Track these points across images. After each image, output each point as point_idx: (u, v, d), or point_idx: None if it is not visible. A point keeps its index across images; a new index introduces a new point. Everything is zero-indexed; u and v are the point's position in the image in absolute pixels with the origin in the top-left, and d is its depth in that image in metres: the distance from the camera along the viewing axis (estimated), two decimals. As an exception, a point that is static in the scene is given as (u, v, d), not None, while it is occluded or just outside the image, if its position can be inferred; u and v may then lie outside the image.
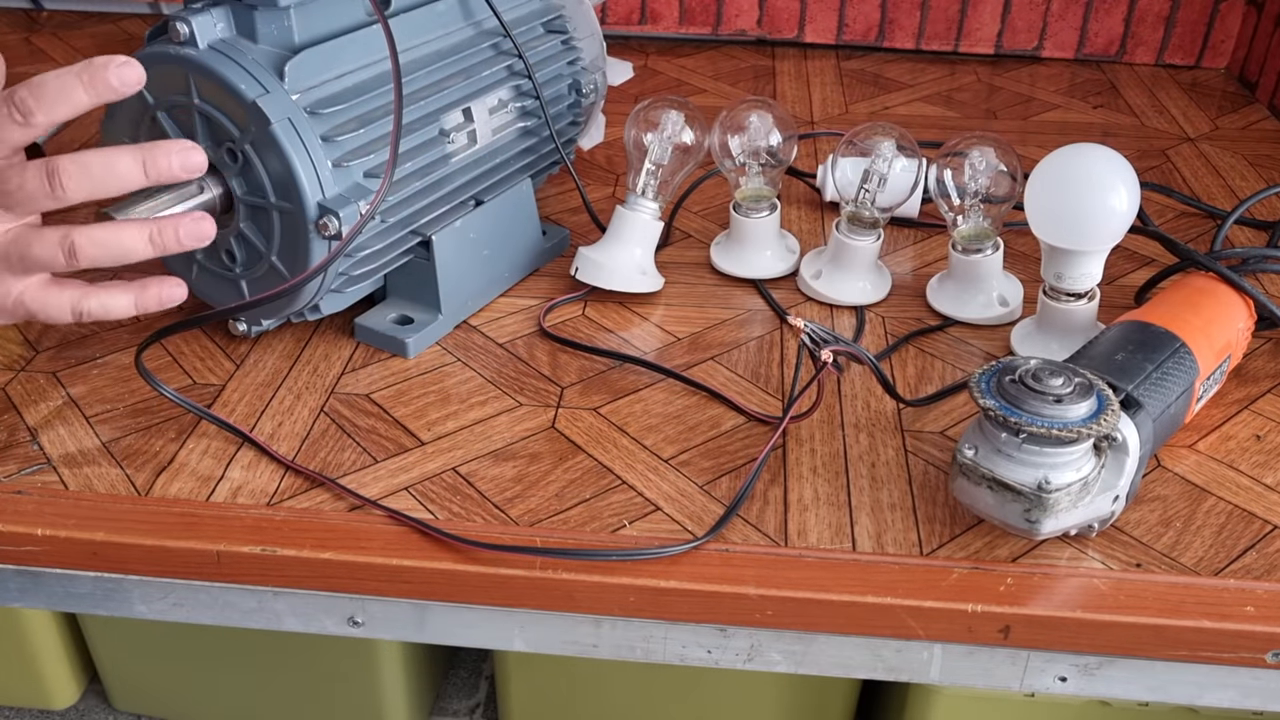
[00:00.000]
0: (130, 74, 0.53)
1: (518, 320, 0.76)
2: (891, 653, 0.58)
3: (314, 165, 0.62)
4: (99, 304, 0.59)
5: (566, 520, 0.59)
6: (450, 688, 1.48)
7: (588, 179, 0.96)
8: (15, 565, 0.59)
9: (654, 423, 0.67)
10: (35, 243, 0.55)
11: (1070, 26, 1.24)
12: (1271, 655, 0.54)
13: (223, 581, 0.58)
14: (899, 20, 1.26)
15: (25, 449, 0.64)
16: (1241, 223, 0.91)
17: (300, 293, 0.66)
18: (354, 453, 0.64)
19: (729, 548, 0.57)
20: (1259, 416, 0.68)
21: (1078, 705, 1.07)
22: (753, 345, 0.74)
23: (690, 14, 1.27)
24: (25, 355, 0.72)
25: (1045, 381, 0.54)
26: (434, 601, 0.58)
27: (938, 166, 0.76)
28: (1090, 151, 0.68)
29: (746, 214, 0.80)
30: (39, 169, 0.53)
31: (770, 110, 0.80)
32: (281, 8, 0.63)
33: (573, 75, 0.83)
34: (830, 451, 0.65)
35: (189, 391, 0.69)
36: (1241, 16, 1.22)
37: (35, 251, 0.55)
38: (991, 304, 0.76)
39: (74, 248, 0.55)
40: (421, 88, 0.70)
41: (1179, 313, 0.65)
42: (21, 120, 0.53)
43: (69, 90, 0.53)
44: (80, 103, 0.53)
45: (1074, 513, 0.54)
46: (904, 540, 0.58)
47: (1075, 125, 1.11)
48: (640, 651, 0.59)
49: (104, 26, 1.31)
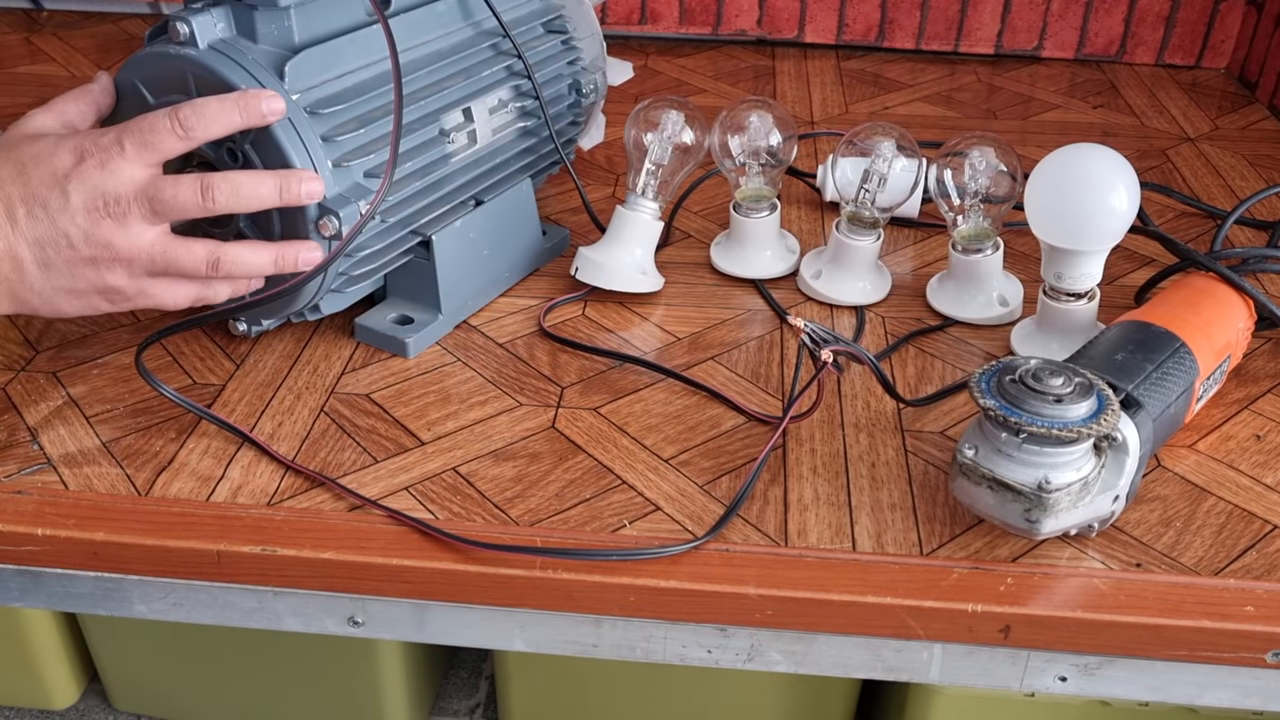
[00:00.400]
0: (277, 105, 0.60)
1: (518, 320, 0.76)
2: (891, 653, 0.58)
3: (314, 165, 0.62)
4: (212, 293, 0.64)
5: (566, 520, 0.59)
6: (450, 688, 1.48)
7: (588, 179, 0.96)
8: (15, 565, 0.59)
9: (654, 423, 0.67)
10: (184, 254, 0.61)
11: (1070, 26, 1.24)
12: (1271, 655, 0.54)
13: (223, 581, 0.58)
14: (899, 20, 1.26)
15: (25, 449, 0.64)
16: (1241, 223, 0.91)
17: (300, 293, 0.66)
18: (354, 453, 0.64)
19: (729, 548, 0.57)
20: (1259, 416, 0.68)
21: (1078, 705, 1.07)
22: (753, 345, 0.74)
23: (690, 14, 1.27)
24: (25, 355, 0.72)
25: (1045, 381, 0.54)
26: (434, 601, 0.58)
27: (938, 166, 0.76)
28: (1090, 151, 0.68)
29: (746, 214, 0.80)
30: (194, 183, 0.59)
31: (770, 110, 0.80)
32: (281, 8, 0.63)
33: (573, 75, 0.83)
34: (830, 451, 0.65)
35: (189, 391, 0.69)
36: (1241, 16, 1.22)
37: (183, 261, 0.61)
38: (991, 304, 0.76)
39: (218, 263, 0.62)
40: (421, 88, 0.70)
41: (1179, 313, 0.65)
42: (182, 134, 0.59)
43: (226, 113, 0.59)
44: (233, 124, 0.60)
45: (1074, 513, 0.54)
46: (904, 540, 0.58)
47: (1075, 125, 1.11)
48: (640, 651, 0.59)
49: (104, 26, 1.31)
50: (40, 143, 0.60)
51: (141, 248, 0.60)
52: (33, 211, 0.58)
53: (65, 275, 0.59)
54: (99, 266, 0.60)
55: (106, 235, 0.59)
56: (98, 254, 0.59)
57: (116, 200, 0.58)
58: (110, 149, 0.58)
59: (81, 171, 0.58)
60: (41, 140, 0.60)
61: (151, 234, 0.60)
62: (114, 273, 0.60)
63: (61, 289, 0.60)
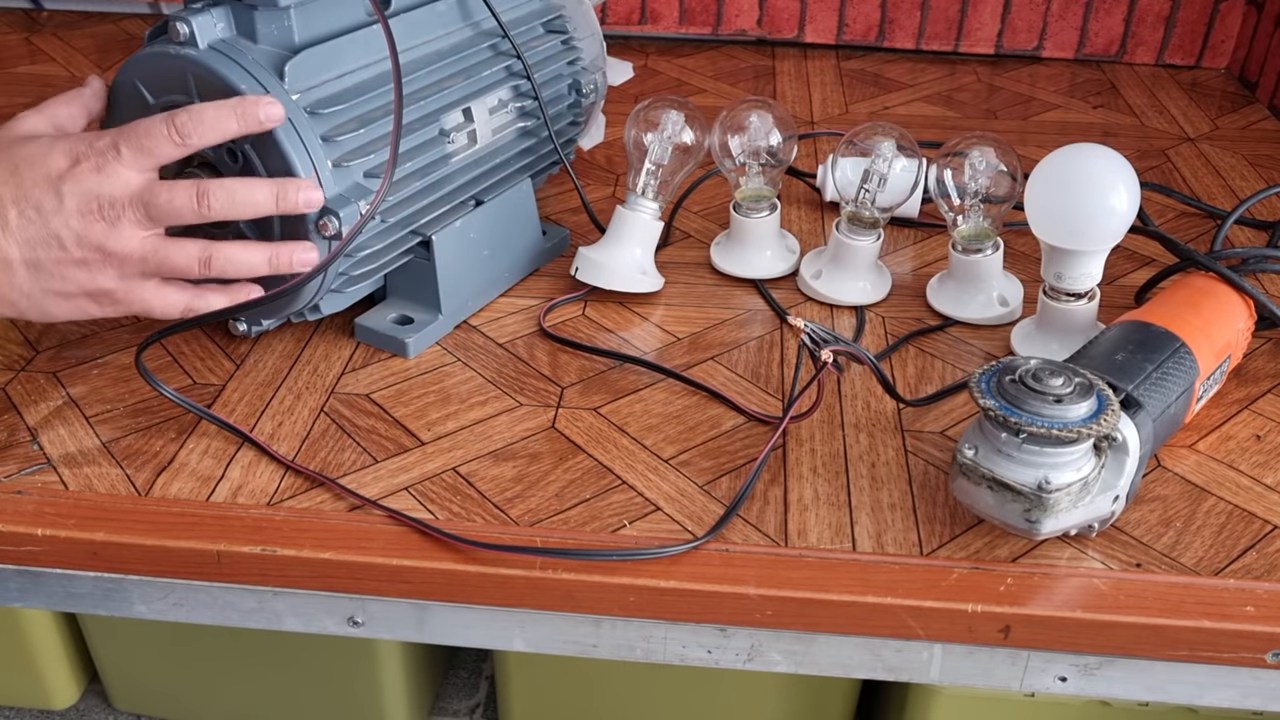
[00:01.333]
0: (274, 111, 0.60)
1: (518, 320, 0.76)
2: (891, 653, 0.58)
3: (314, 165, 0.62)
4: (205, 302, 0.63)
5: (566, 520, 0.59)
6: (450, 688, 1.48)
7: (588, 179, 0.96)
8: (15, 565, 0.59)
9: (654, 423, 0.67)
10: (175, 253, 0.60)
11: (1070, 26, 1.24)
12: (1271, 655, 0.54)
13: (223, 581, 0.58)
14: (899, 20, 1.26)
15: (25, 449, 0.64)
16: (1241, 223, 0.91)
17: (300, 293, 0.66)
18: (354, 453, 0.64)
19: (729, 548, 0.57)
20: (1259, 416, 0.68)
21: (1078, 705, 1.07)
22: (753, 345, 0.74)
23: (690, 14, 1.27)
24: (25, 355, 0.72)
25: (1045, 381, 0.54)
26: (434, 601, 0.58)
27: (938, 166, 0.76)
28: (1090, 151, 0.68)
29: (746, 214, 0.80)
30: (190, 188, 0.59)
31: (770, 110, 0.80)
32: (281, 8, 0.63)
33: (573, 75, 0.83)
34: (830, 451, 0.65)
35: (189, 391, 0.69)
36: (1241, 16, 1.22)
37: (174, 260, 0.60)
38: (991, 304, 0.76)
39: (210, 260, 0.61)
40: (421, 88, 0.70)
41: (1179, 313, 0.65)
42: (179, 141, 0.59)
43: (223, 120, 0.59)
44: (229, 131, 0.59)
45: (1074, 513, 0.54)
46: (904, 540, 0.58)
47: (1075, 125, 1.11)
48: (640, 651, 0.59)
49: (104, 26, 1.31)
50: (33, 144, 0.59)
51: (133, 248, 0.59)
52: (25, 213, 0.58)
53: (54, 277, 0.59)
54: (89, 268, 0.59)
55: (99, 238, 0.58)
56: (88, 256, 0.59)
57: (111, 204, 0.58)
58: (106, 153, 0.58)
59: (76, 174, 0.58)
60: (34, 142, 0.60)
61: (143, 234, 0.60)
62: (104, 274, 0.60)
63: (50, 291, 0.60)
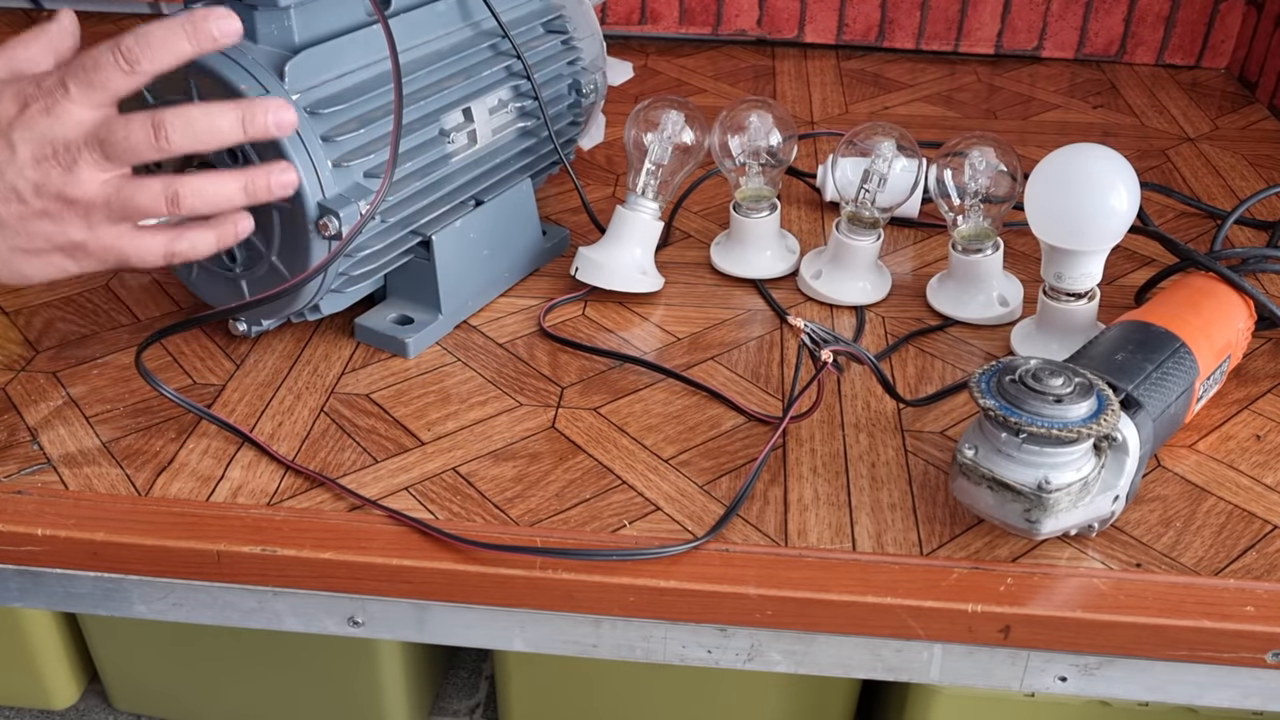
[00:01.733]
0: (229, 25, 0.55)
1: (518, 320, 0.76)
2: (891, 653, 0.58)
3: (314, 165, 0.62)
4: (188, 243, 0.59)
5: (566, 520, 0.59)
6: (450, 688, 1.48)
7: (588, 179, 0.96)
8: (15, 565, 0.59)
9: (654, 423, 0.67)
10: (138, 192, 0.56)
11: (1070, 26, 1.24)
12: (1271, 655, 0.54)
13: (223, 581, 0.58)
14: (899, 20, 1.26)
15: (25, 449, 0.64)
16: (1241, 223, 0.91)
17: (300, 293, 0.66)
18: (354, 453, 0.64)
19: (729, 548, 0.57)
20: (1259, 416, 0.68)
21: (1078, 705, 1.07)
22: (753, 345, 0.74)
23: (690, 14, 1.27)
24: (25, 355, 0.72)
25: (1045, 381, 0.54)
26: (434, 601, 0.58)
27: (938, 166, 0.76)
28: (1090, 151, 0.68)
29: (746, 214, 0.80)
30: (144, 121, 0.54)
31: (770, 110, 0.80)
32: (281, 8, 0.63)
33: (573, 75, 0.83)
34: (830, 451, 0.65)
35: (189, 391, 0.69)
36: (1241, 16, 1.22)
37: (139, 200, 0.56)
38: (991, 304, 0.76)
39: (177, 196, 0.56)
40: (421, 88, 0.70)
41: (1179, 313, 0.65)
42: (127, 69, 0.54)
43: (174, 40, 0.54)
44: (183, 52, 0.54)
45: (1074, 513, 0.54)
46: (904, 540, 0.58)
47: (1075, 125, 1.11)
48: (640, 651, 0.59)
49: (104, 26, 1.31)
50: None
51: (94, 193, 0.55)
52: None
53: (19, 234, 0.55)
54: (54, 220, 0.55)
55: (57, 185, 0.54)
56: (50, 206, 0.55)
57: (65, 146, 0.54)
58: (54, 91, 0.54)
59: (26, 119, 0.54)
60: None
61: (103, 177, 0.55)
62: (71, 225, 0.56)
63: (18, 249, 0.56)
